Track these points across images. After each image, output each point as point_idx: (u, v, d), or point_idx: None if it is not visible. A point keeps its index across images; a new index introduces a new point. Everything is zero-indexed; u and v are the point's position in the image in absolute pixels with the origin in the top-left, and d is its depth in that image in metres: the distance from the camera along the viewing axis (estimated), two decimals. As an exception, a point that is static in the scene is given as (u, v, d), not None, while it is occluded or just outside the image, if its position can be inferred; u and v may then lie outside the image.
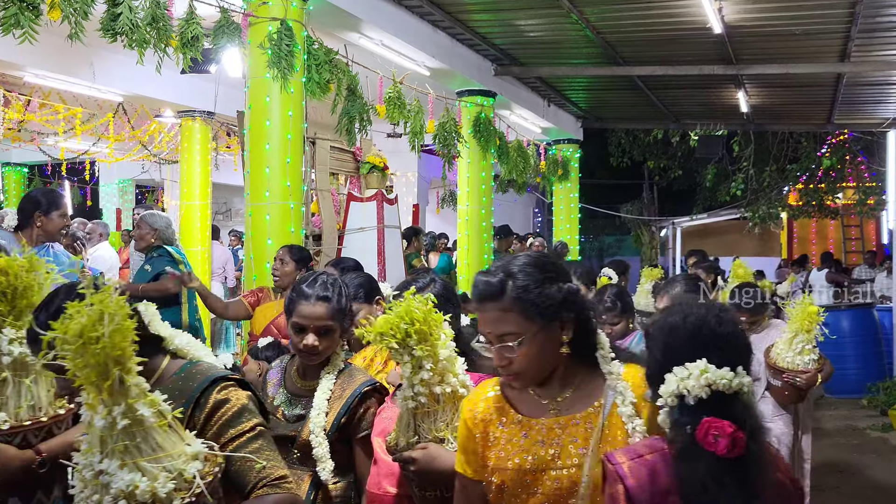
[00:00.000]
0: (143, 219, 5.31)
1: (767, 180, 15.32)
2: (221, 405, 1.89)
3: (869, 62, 8.12)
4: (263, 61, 5.03)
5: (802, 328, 3.91)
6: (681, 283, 3.74)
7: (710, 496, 1.51)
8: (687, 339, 1.65)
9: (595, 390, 1.87)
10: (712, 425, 1.53)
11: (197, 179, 9.43)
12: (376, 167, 6.69)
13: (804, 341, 3.92)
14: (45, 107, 9.22)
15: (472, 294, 1.87)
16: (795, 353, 3.92)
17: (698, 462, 1.53)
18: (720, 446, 1.52)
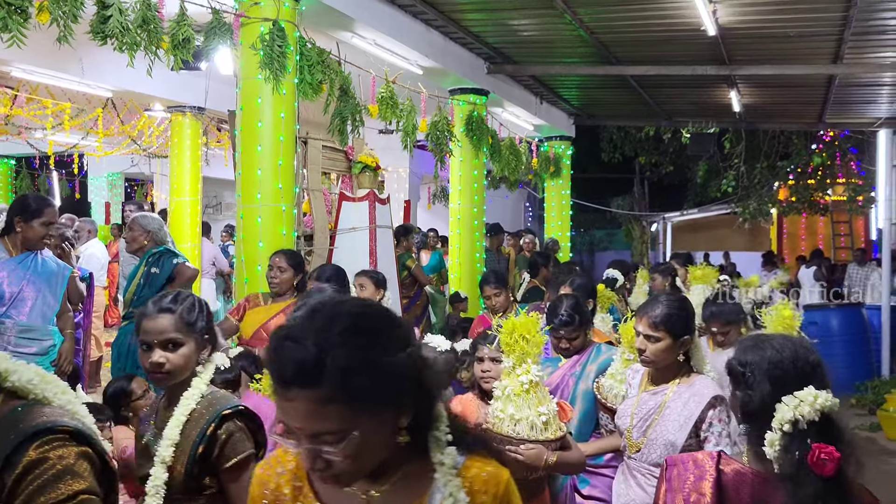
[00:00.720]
0: (135, 220, 5.24)
1: (758, 177, 15.38)
2: (35, 466, 1.48)
3: (861, 64, 8.13)
4: (255, 62, 4.97)
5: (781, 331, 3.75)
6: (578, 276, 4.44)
7: None
8: (791, 370, 1.79)
9: (423, 484, 1.44)
10: (822, 450, 1.64)
11: (187, 175, 9.36)
12: (368, 167, 6.64)
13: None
14: (32, 101, 9.12)
15: (271, 373, 1.32)
16: None
17: (808, 485, 1.64)
18: (827, 469, 1.63)
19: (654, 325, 2.84)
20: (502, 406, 2.79)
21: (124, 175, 14.55)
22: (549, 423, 2.75)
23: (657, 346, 2.85)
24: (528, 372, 2.75)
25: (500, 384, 2.81)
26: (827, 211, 16.49)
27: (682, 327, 2.89)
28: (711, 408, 2.80)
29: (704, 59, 8.22)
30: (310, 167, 6.18)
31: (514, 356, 2.76)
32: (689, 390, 2.86)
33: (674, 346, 2.87)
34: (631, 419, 2.98)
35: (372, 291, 4.70)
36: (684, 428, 2.79)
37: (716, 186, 15.87)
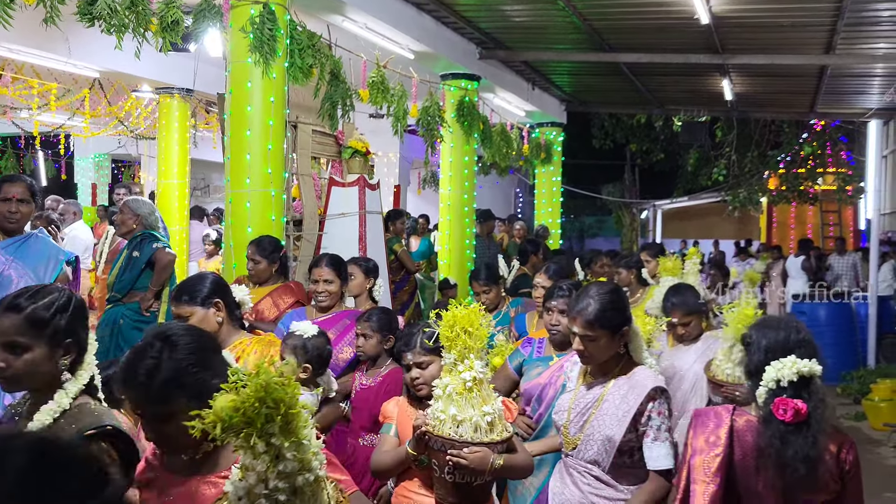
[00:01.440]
0: (126, 204, 5.21)
1: (749, 165, 15.41)
2: None
3: (853, 55, 8.13)
4: (245, 45, 4.90)
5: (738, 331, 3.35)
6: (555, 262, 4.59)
7: (778, 450, 2.22)
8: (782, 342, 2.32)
9: None
10: (782, 403, 2.22)
11: (175, 158, 9.28)
12: (358, 152, 6.58)
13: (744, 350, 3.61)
14: (18, 80, 9.00)
15: None
16: (735, 364, 3.37)
17: (772, 427, 2.24)
18: (787, 416, 2.21)
19: (589, 324, 2.71)
20: (443, 406, 2.56)
21: (111, 156, 14.41)
22: (494, 423, 2.55)
23: (596, 344, 2.73)
24: (471, 368, 2.55)
25: (441, 382, 2.61)
26: (816, 200, 16.56)
27: (619, 319, 2.75)
28: (651, 400, 2.69)
29: (697, 47, 8.20)
30: (299, 152, 6.12)
31: (455, 351, 2.56)
32: (628, 383, 2.76)
33: (612, 341, 2.76)
34: (568, 415, 2.86)
35: (361, 280, 4.65)
36: (622, 422, 2.67)
37: (706, 174, 15.89)
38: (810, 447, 2.20)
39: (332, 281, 4.08)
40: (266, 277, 4.54)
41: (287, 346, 3.17)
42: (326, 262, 4.13)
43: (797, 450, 2.20)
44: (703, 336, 4.02)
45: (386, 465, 2.79)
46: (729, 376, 3.44)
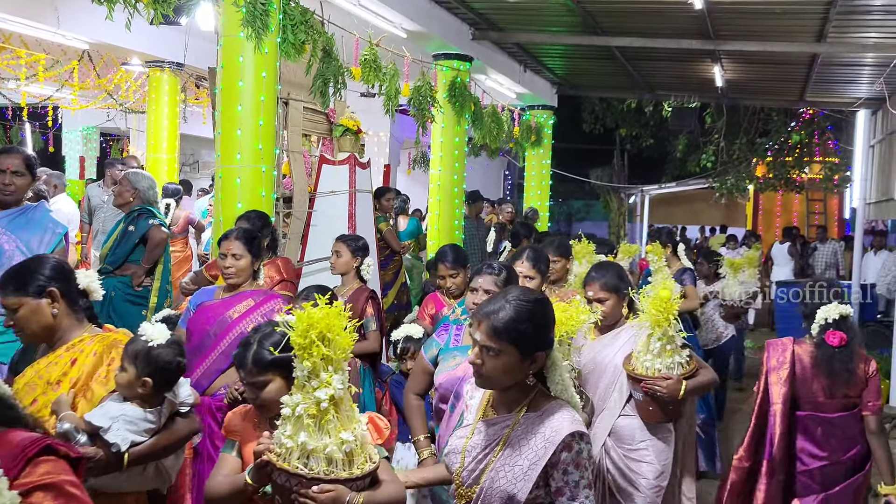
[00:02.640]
0: (125, 176, 5.19)
1: (737, 153, 15.47)
2: None
3: (844, 43, 8.16)
4: (237, 19, 4.87)
5: (657, 322, 3.09)
6: None
7: (828, 363, 3.49)
8: (826, 290, 3.59)
9: None
10: (832, 333, 3.48)
11: (164, 132, 9.23)
12: (349, 130, 6.57)
13: (664, 339, 3.12)
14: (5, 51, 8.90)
15: None
16: (654, 356, 3.13)
17: (825, 350, 3.50)
18: (834, 342, 3.47)
19: (495, 332, 2.10)
20: (292, 431, 2.07)
21: (99, 129, 14.28)
22: (354, 453, 2.10)
23: (496, 362, 2.11)
24: (327, 384, 2.08)
25: (290, 400, 2.10)
26: (803, 189, 16.67)
27: (536, 339, 2.14)
28: (566, 449, 2.08)
29: (690, 32, 8.20)
30: (290, 129, 6.10)
31: (308, 363, 2.07)
32: (538, 423, 2.14)
33: (520, 364, 2.14)
34: (462, 459, 2.22)
35: (348, 258, 4.64)
36: (529, 476, 2.08)
37: (695, 161, 15.95)
38: (849, 361, 3.49)
39: (241, 256, 3.74)
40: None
41: (127, 353, 2.55)
42: (237, 234, 3.79)
43: (841, 362, 3.49)
44: (626, 326, 3.38)
45: (220, 492, 2.29)
46: (648, 369, 3.13)
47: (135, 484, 2.60)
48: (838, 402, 3.54)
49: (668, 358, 3.13)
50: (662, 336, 3.11)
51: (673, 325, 3.10)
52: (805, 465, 3.60)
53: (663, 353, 3.13)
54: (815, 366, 3.54)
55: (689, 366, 3.19)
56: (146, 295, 5.14)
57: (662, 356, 3.13)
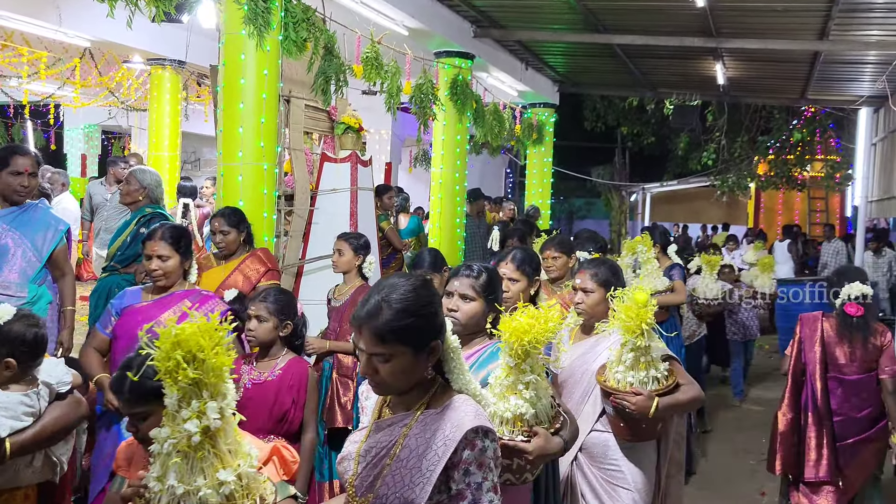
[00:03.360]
0: (132, 174, 5.15)
1: (738, 151, 15.46)
2: None
3: (846, 41, 8.15)
4: (239, 17, 4.86)
5: (628, 330, 2.75)
6: None
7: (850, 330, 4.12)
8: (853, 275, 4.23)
9: None
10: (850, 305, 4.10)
11: (166, 130, 9.23)
12: (351, 128, 6.56)
13: (637, 349, 2.80)
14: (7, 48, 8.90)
15: None
16: (626, 368, 2.83)
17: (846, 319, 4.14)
18: (852, 313, 4.08)
19: (380, 337, 1.86)
20: (159, 471, 1.84)
21: (101, 127, 14.28)
22: (235, 496, 1.86)
23: (391, 366, 1.88)
24: (199, 414, 1.81)
25: (159, 434, 1.85)
26: (804, 187, 16.65)
27: (426, 332, 1.90)
28: (469, 447, 1.86)
29: (692, 30, 8.20)
30: (292, 126, 6.10)
31: (176, 390, 1.82)
32: (437, 420, 1.90)
33: (416, 361, 1.90)
34: (355, 465, 1.97)
35: (350, 257, 4.62)
36: (428, 479, 1.84)
37: (696, 159, 15.94)
38: (865, 329, 4.15)
39: (168, 257, 3.50)
40: (234, 249, 4.50)
41: None
42: (162, 234, 3.53)
43: (858, 330, 4.15)
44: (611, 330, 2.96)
45: None
46: (620, 382, 2.85)
47: (26, 477, 2.54)
48: (857, 366, 4.19)
49: (641, 371, 2.83)
50: (635, 347, 2.79)
51: (648, 334, 2.76)
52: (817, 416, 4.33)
53: (636, 366, 2.83)
54: (838, 334, 4.22)
55: (666, 381, 2.87)
56: None
57: (636, 369, 2.83)
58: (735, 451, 6.56)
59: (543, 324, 2.30)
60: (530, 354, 2.30)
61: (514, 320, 2.28)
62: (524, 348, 2.28)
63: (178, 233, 3.61)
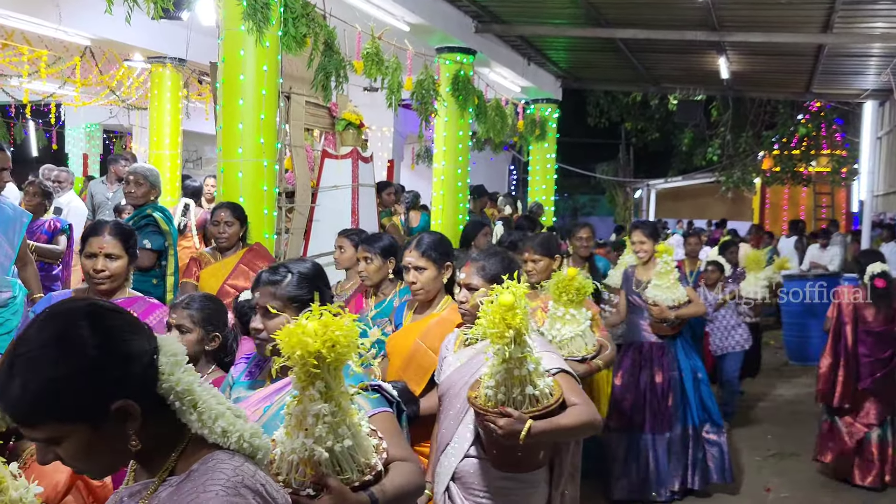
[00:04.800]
0: (139, 174, 5.08)
1: (743, 146, 15.40)
2: None
3: (851, 34, 8.09)
4: (238, 13, 4.84)
5: (495, 337, 2.27)
6: None
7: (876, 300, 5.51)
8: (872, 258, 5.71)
9: None
10: (877, 279, 5.47)
11: (167, 128, 9.20)
12: (352, 124, 6.54)
13: (509, 361, 2.31)
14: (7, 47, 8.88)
15: None
16: (497, 383, 2.37)
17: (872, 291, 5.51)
18: (878, 285, 5.46)
19: (24, 421, 1.36)
20: None
21: (102, 126, 14.27)
22: None
23: (65, 450, 1.37)
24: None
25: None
26: (810, 182, 16.57)
27: (88, 399, 1.33)
28: None
29: (695, 23, 8.14)
30: (292, 123, 6.07)
31: None
32: (178, 493, 1.36)
33: (100, 436, 1.36)
34: None
35: (352, 253, 4.54)
36: None
37: (701, 154, 15.88)
38: (887, 296, 5.46)
39: (117, 256, 3.01)
40: (234, 243, 4.51)
41: None
42: (111, 229, 3.04)
43: (882, 297, 5.47)
44: None
45: None
46: (490, 399, 2.38)
47: None
48: (882, 321, 5.53)
49: (515, 387, 2.34)
50: (505, 358, 2.29)
51: (520, 342, 2.28)
52: (860, 362, 5.56)
53: (509, 381, 2.34)
54: (867, 299, 5.53)
55: (547, 399, 2.38)
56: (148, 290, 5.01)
57: (507, 384, 2.35)
58: (741, 447, 6.51)
59: (344, 331, 1.77)
60: (319, 376, 1.76)
61: (299, 327, 1.76)
62: (307, 369, 1.75)
63: (129, 231, 3.16)
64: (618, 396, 5.26)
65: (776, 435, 6.98)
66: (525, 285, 2.32)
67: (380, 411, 2.11)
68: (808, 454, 5.99)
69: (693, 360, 5.35)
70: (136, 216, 4.98)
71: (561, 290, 3.62)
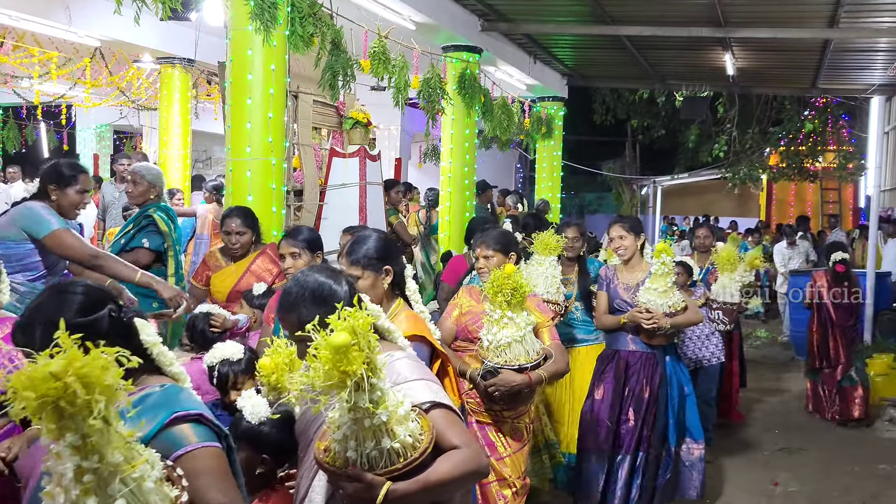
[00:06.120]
0: (138, 173, 5.13)
1: (750, 142, 15.38)
2: None
3: (857, 29, 8.08)
4: (246, 13, 4.89)
5: (329, 389, 1.80)
6: None
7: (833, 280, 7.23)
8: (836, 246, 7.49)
9: None
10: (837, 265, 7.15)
11: (176, 129, 9.28)
12: (359, 123, 6.59)
13: (356, 410, 1.81)
14: (18, 49, 8.98)
15: None
16: (344, 437, 1.89)
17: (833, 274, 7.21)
18: (839, 269, 7.12)
19: None
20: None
21: (113, 127, 14.38)
22: None
23: None
24: None
25: None
26: (817, 178, 16.54)
27: None
28: None
29: (700, 20, 8.15)
30: (300, 122, 6.13)
31: None
32: None
33: None
34: None
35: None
36: None
37: (707, 151, 15.87)
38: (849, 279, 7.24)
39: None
40: (247, 249, 4.50)
41: None
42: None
43: (844, 279, 7.18)
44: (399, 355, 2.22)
45: None
46: (339, 455, 1.90)
47: None
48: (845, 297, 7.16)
49: (368, 441, 1.86)
50: (350, 406, 1.80)
51: (371, 389, 1.79)
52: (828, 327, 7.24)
53: (359, 432, 1.86)
54: (830, 280, 7.18)
55: (411, 452, 1.88)
56: None
57: (358, 436, 1.87)
58: (748, 442, 6.54)
59: (95, 367, 1.43)
60: (70, 427, 1.43)
61: (42, 367, 1.39)
62: (52, 417, 1.42)
63: None
64: (595, 412, 4.50)
65: (783, 429, 7.01)
66: (371, 312, 1.93)
67: (192, 449, 1.77)
68: (816, 449, 6.02)
69: (680, 371, 4.68)
70: (138, 215, 5.04)
71: (496, 289, 3.33)
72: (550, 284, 4.64)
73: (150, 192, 5.07)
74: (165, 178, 5.53)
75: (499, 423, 3.58)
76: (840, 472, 5.91)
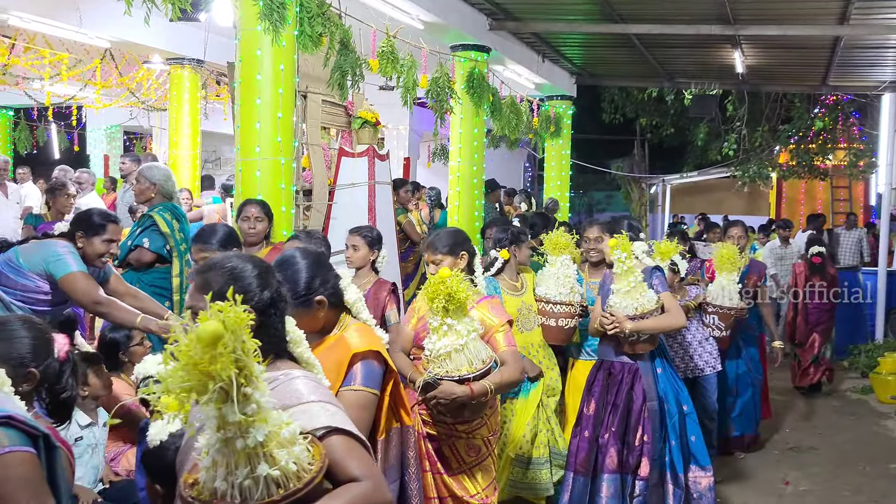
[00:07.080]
0: (141, 172, 5.17)
1: (759, 140, 15.30)
2: None
3: (868, 25, 8.05)
4: (255, 13, 4.91)
5: (187, 392, 1.55)
6: None
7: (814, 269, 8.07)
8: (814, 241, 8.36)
9: None
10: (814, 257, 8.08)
11: (186, 129, 9.32)
12: (368, 122, 6.60)
13: (219, 428, 1.59)
14: (30, 51, 9.03)
15: None
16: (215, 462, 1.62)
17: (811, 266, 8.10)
18: (815, 261, 8.05)
19: None
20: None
21: (123, 128, 14.45)
22: None
23: None
24: None
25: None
26: (827, 175, 16.43)
27: None
28: None
29: (709, 17, 8.13)
30: (309, 122, 6.15)
31: None
32: None
33: None
34: None
35: (365, 252, 4.50)
36: None
37: (716, 149, 15.79)
38: (825, 268, 8.06)
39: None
40: (261, 240, 4.58)
41: None
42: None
43: (821, 269, 8.04)
44: None
45: None
46: (206, 487, 1.64)
47: None
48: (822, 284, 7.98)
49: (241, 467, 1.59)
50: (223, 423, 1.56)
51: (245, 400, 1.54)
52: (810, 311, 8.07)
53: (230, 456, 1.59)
54: (807, 270, 8.05)
55: (295, 482, 1.61)
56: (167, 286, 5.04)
57: (229, 462, 1.59)
58: (759, 441, 6.51)
59: None
60: None
61: None
62: None
63: None
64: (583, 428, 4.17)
65: (794, 428, 6.98)
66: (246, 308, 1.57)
67: None
68: (827, 448, 5.99)
69: (677, 386, 4.25)
70: (144, 215, 5.10)
71: (431, 295, 3.11)
72: (563, 285, 4.50)
73: (151, 191, 5.09)
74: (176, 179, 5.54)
75: (453, 437, 3.29)
76: (851, 472, 5.88)
